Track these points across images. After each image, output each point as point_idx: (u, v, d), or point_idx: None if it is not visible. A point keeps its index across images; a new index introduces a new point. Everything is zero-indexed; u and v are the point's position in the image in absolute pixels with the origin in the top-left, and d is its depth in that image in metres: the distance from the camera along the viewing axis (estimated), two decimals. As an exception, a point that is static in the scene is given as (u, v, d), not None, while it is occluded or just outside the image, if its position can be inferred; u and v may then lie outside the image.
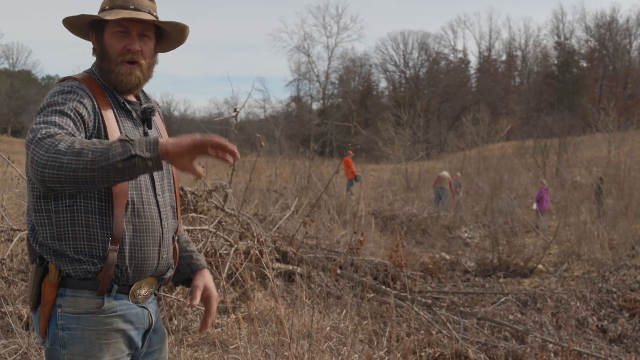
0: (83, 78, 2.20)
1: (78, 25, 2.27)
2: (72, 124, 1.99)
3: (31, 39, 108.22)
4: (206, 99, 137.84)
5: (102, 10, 2.24)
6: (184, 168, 1.87)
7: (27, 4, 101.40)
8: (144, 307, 2.22)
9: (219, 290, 5.58)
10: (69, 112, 2.01)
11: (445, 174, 19.44)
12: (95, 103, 2.12)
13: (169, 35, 2.35)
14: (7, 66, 65.79)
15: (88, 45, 2.32)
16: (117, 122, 2.16)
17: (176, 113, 67.84)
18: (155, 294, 2.33)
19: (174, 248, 2.35)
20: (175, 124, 55.42)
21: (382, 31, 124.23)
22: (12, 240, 5.54)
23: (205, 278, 2.40)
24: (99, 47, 2.23)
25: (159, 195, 2.23)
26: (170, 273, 2.35)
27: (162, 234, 2.22)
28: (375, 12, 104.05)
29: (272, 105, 76.50)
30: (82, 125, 2.04)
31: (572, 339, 6.24)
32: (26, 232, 5.65)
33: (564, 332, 6.62)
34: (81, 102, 2.07)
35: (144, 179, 2.18)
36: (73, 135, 1.95)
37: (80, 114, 2.04)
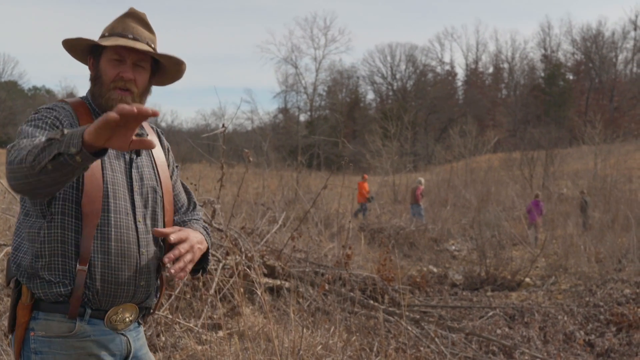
0: (73, 102, 2.25)
1: (77, 48, 2.29)
2: (44, 131, 2.02)
3: (18, 50, 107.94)
4: (193, 110, 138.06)
5: (102, 36, 2.26)
6: (121, 147, 1.70)
7: (13, 15, 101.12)
8: (122, 334, 2.22)
9: (207, 307, 5.55)
10: (44, 124, 2.06)
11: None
12: (77, 123, 2.15)
13: (166, 69, 2.36)
14: (-7, 77, 65.47)
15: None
16: None
17: (163, 124, 67.67)
18: (139, 323, 2.33)
19: (161, 278, 2.35)
20: (163, 135, 55.41)
21: (369, 43, 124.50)
22: (-3, 255, 5.48)
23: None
24: (94, 72, 2.25)
25: (139, 222, 2.22)
26: (153, 302, 2.35)
27: (140, 260, 2.21)
28: (363, 25, 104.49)
29: (260, 116, 76.68)
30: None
31: (560, 354, 6.26)
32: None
33: (551, 347, 6.63)
34: (58, 118, 2.12)
35: (124, 203, 2.19)
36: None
37: (57, 122, 2.10)
